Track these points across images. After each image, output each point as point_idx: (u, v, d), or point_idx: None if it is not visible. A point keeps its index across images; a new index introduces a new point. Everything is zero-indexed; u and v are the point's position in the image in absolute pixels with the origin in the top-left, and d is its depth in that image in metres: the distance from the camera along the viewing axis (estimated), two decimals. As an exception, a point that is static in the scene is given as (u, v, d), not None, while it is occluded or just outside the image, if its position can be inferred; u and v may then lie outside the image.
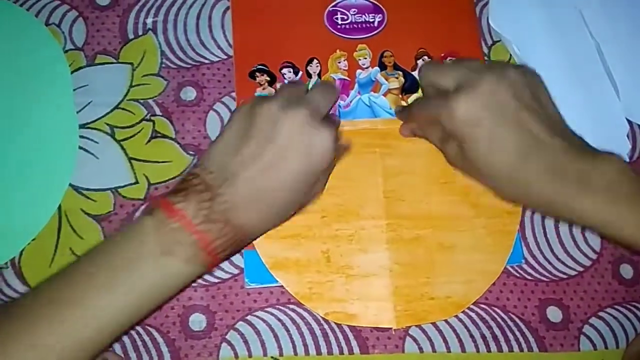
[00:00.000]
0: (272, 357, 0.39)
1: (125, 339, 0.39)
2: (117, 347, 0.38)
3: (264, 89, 0.44)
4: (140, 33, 0.46)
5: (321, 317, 0.40)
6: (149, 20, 0.46)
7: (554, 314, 0.41)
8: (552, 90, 0.45)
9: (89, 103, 0.44)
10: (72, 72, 0.44)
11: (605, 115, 0.46)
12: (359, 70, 0.45)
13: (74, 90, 0.44)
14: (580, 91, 0.47)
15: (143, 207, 0.41)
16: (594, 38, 0.48)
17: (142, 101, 0.44)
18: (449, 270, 0.41)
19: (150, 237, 0.31)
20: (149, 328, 0.39)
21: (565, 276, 0.42)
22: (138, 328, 0.39)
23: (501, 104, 0.34)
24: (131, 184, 0.42)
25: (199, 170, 0.33)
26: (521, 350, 0.40)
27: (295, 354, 0.39)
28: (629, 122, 0.46)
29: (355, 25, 0.46)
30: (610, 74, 0.47)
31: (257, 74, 0.44)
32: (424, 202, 0.42)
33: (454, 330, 0.40)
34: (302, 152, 0.33)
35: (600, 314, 0.41)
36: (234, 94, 0.45)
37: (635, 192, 0.33)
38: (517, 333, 0.41)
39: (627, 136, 0.46)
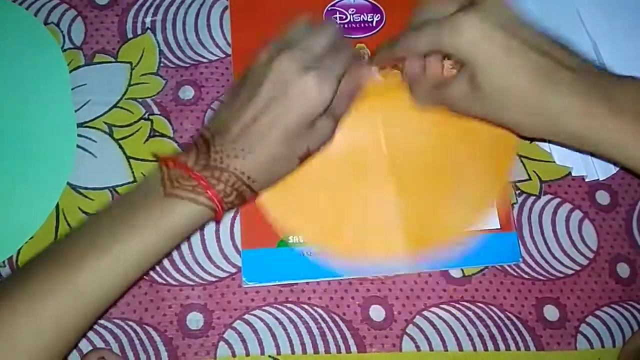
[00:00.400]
0: (269, 356, 0.39)
1: (123, 337, 0.39)
2: (114, 345, 0.38)
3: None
4: (138, 32, 0.46)
5: (319, 315, 0.40)
6: (148, 20, 0.46)
7: (551, 312, 0.41)
8: None
9: (87, 102, 0.44)
10: (70, 71, 0.44)
11: None
12: (357, 70, 0.45)
13: (73, 89, 0.44)
14: None
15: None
16: (590, 37, 0.48)
17: (140, 100, 0.44)
18: (456, 195, 0.42)
19: (157, 186, 0.34)
20: (147, 327, 0.39)
21: (562, 275, 0.42)
22: (135, 327, 0.39)
23: (515, 25, 0.33)
24: (129, 183, 0.42)
25: (203, 129, 0.36)
26: (518, 349, 0.40)
27: (293, 352, 0.39)
28: None
29: (353, 25, 0.47)
30: None
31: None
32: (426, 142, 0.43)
33: (451, 329, 0.40)
34: (284, 100, 0.34)
35: (597, 312, 0.42)
36: (232, 93, 0.45)
37: None
38: (514, 332, 0.41)
39: None
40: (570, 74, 0.32)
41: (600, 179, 0.45)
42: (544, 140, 0.44)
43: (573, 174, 0.45)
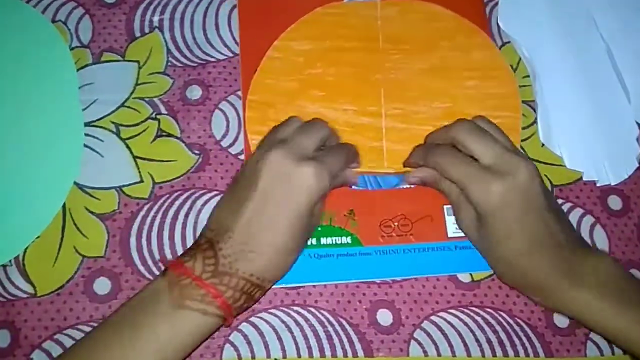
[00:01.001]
0: (275, 359, 0.39)
1: (129, 338, 0.38)
2: (120, 346, 0.38)
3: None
4: (146, 31, 0.46)
5: (326, 319, 0.40)
6: (156, 18, 0.46)
7: (561, 319, 0.41)
8: (561, 92, 0.45)
9: (95, 101, 0.44)
10: (77, 70, 0.44)
11: (614, 119, 0.46)
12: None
13: (80, 87, 0.44)
14: (590, 94, 0.46)
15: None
16: (604, 41, 0.47)
17: (147, 99, 0.44)
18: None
19: (165, 295, 0.33)
20: (152, 328, 0.39)
21: (572, 281, 0.42)
22: (141, 328, 0.39)
23: (533, 198, 0.36)
24: (136, 183, 0.42)
25: (205, 231, 0.36)
26: (527, 355, 0.40)
27: (299, 355, 0.39)
28: (639, 125, 0.46)
29: (362, 25, 0.46)
30: (621, 77, 0.46)
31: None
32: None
33: (459, 334, 0.40)
34: (285, 194, 0.34)
35: (608, 319, 0.41)
36: (239, 93, 0.44)
37: (621, 292, 0.36)
38: (524, 338, 0.40)
39: (637, 139, 0.45)
40: (554, 249, 0.36)
41: (612, 184, 0.44)
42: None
43: (584, 179, 0.44)
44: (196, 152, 0.43)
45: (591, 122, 0.45)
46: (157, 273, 0.40)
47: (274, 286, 0.39)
